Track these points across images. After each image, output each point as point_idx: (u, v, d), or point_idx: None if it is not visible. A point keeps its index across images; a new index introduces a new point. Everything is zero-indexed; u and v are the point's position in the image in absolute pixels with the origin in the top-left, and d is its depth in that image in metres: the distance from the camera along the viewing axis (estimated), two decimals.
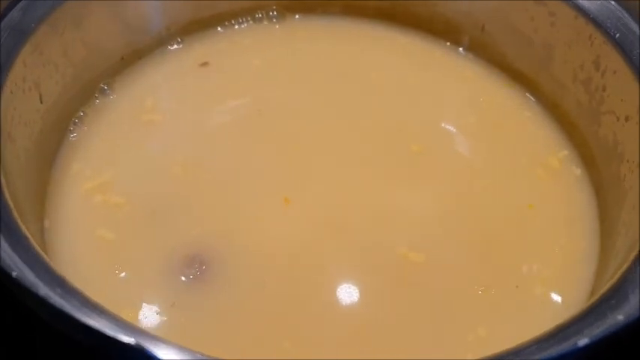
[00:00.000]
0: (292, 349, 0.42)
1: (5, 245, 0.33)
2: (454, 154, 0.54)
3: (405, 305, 0.45)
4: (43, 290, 0.31)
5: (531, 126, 0.56)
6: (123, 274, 0.45)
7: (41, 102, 0.48)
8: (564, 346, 0.32)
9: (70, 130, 0.53)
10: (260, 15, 0.61)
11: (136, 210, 0.48)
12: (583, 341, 0.32)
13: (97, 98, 0.55)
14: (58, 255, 0.46)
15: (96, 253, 0.46)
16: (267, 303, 0.44)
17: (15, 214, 0.36)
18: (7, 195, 0.38)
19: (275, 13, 0.61)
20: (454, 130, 0.56)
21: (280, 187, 0.50)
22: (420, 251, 0.47)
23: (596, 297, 0.36)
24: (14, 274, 0.31)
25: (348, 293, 0.45)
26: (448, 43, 0.61)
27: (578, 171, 0.53)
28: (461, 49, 0.61)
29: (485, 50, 0.60)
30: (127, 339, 0.30)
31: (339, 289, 0.45)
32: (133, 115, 0.54)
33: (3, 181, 0.38)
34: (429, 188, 0.51)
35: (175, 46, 0.59)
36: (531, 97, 0.57)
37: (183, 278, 0.45)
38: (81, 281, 0.35)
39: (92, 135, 0.53)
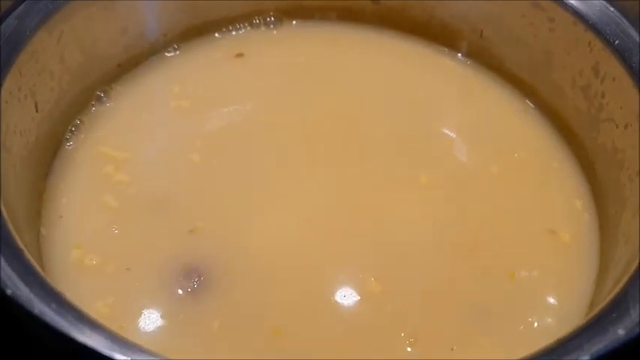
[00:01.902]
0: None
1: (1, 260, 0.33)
2: (452, 159, 0.54)
3: (404, 312, 0.45)
4: (38, 307, 0.31)
5: (530, 132, 0.56)
6: (119, 284, 0.45)
7: (37, 110, 0.48)
8: None
9: (67, 138, 0.52)
10: (257, 21, 0.61)
11: (131, 217, 0.48)
12: (584, 357, 0.31)
13: (93, 106, 0.54)
14: (53, 264, 0.45)
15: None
16: (265, 313, 0.44)
17: (10, 225, 0.36)
18: (1, 206, 0.37)
19: (272, 19, 0.61)
20: (452, 136, 0.56)
21: (277, 193, 0.50)
22: (416, 257, 0.47)
23: (597, 310, 0.35)
24: (9, 291, 0.31)
25: (350, 301, 0.45)
26: (446, 49, 0.61)
27: (577, 178, 0.53)
28: (459, 54, 0.60)
29: (483, 56, 0.59)
30: (122, 357, 0.29)
31: (341, 299, 0.45)
32: (130, 123, 0.54)
33: None
34: (426, 194, 0.51)
35: (172, 53, 0.59)
36: (530, 104, 0.57)
37: (180, 291, 0.44)
38: (76, 291, 0.35)
39: (89, 143, 0.52)
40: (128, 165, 0.51)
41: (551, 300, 0.46)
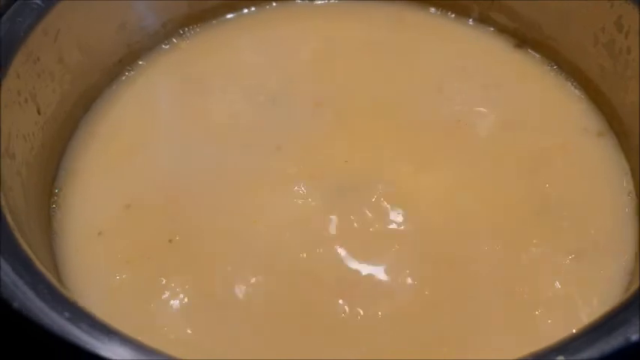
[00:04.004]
0: None
1: (8, 269, 0.32)
2: (478, 129, 0.52)
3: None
4: (48, 318, 0.29)
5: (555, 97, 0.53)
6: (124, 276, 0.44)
7: (39, 113, 0.46)
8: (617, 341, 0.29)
9: (73, 139, 0.51)
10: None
11: (142, 216, 0.47)
12: (636, 336, 0.29)
13: (98, 104, 0.53)
14: (67, 265, 0.44)
15: (102, 255, 0.45)
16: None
17: (17, 235, 0.35)
18: (7, 216, 0.36)
19: None
20: (478, 106, 0.53)
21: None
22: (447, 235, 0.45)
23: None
24: (15, 304, 0.29)
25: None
26: (453, 15, 0.58)
27: (608, 141, 0.50)
28: (470, 20, 0.58)
29: (496, 20, 0.57)
30: None
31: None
32: (138, 119, 0.53)
33: (3, 202, 0.36)
34: (453, 166, 0.49)
35: (172, 43, 0.57)
36: (553, 66, 0.55)
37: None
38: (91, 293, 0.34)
39: (95, 142, 0.51)
40: (141, 159, 0.50)
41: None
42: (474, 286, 0.43)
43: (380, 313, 0.42)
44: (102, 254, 0.45)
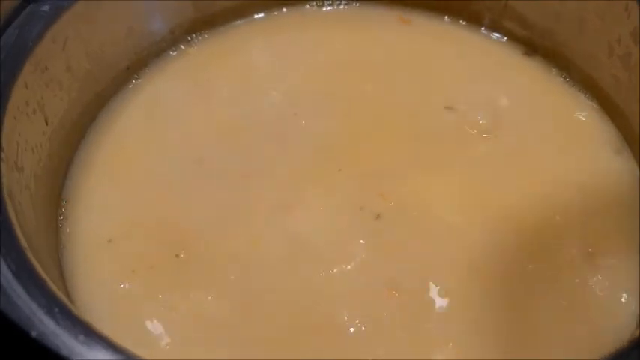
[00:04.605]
0: None
1: (23, 293, 0.31)
2: (485, 138, 0.51)
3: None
4: (64, 346, 0.28)
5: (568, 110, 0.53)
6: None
7: (47, 124, 0.46)
8: None
9: (80, 148, 0.50)
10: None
11: (150, 228, 0.46)
12: None
13: (105, 112, 0.52)
14: (74, 277, 0.44)
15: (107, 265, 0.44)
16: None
17: (30, 255, 0.34)
18: (19, 233, 0.35)
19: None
20: (486, 115, 0.53)
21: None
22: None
23: None
24: (34, 333, 0.29)
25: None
26: (464, 22, 0.57)
27: (621, 155, 0.50)
28: (483, 28, 0.57)
29: (508, 27, 0.56)
30: None
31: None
32: (145, 127, 0.52)
33: (14, 219, 0.36)
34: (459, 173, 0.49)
35: (179, 49, 0.56)
36: (566, 77, 0.54)
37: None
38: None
39: (102, 152, 0.50)
40: (143, 169, 0.49)
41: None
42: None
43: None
44: (108, 263, 0.44)
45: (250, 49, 0.57)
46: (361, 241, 0.45)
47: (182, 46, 0.57)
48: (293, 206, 0.47)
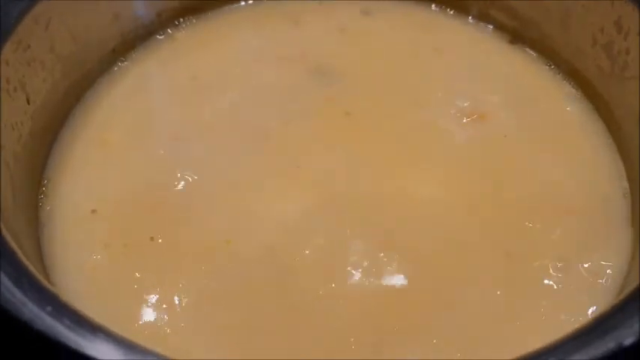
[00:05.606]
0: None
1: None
2: (481, 127, 0.51)
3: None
4: (32, 313, 0.29)
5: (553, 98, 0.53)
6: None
7: (28, 102, 0.46)
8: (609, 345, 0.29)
9: (64, 129, 0.50)
10: None
11: (133, 205, 0.46)
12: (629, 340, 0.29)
13: (90, 94, 0.52)
14: (55, 263, 0.44)
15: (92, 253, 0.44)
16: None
17: (4, 231, 0.34)
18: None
19: None
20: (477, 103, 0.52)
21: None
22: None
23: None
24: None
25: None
26: (452, 12, 0.57)
27: (605, 140, 0.50)
28: (470, 17, 0.57)
29: (495, 17, 0.56)
30: None
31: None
32: (128, 110, 0.52)
33: None
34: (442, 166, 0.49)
35: (167, 33, 0.56)
36: (551, 65, 0.54)
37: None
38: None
39: (86, 133, 0.50)
40: (128, 151, 0.49)
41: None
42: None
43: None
44: (85, 238, 0.44)
45: (238, 34, 0.57)
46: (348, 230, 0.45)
47: (170, 30, 0.57)
48: (271, 200, 0.46)
